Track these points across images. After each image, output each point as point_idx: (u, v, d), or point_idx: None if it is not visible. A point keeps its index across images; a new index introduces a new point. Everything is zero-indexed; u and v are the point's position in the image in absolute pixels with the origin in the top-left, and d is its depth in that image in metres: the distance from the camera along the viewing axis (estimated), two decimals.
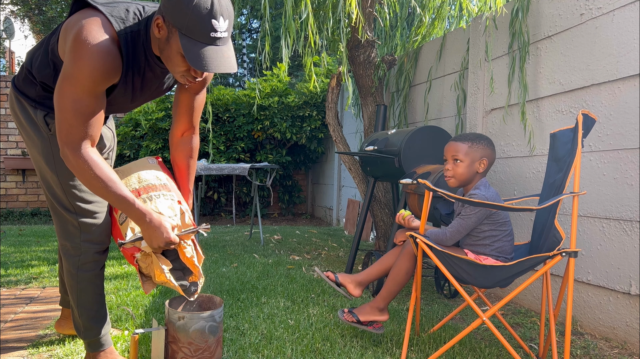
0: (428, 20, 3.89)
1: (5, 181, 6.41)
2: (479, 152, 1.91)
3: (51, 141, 1.54)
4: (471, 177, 1.92)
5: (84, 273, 1.58)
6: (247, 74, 12.00)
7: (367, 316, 1.95)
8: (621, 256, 2.11)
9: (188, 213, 1.60)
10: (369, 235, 4.79)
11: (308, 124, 6.33)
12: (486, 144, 1.92)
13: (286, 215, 7.09)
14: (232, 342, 1.93)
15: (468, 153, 1.90)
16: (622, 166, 2.11)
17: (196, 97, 1.70)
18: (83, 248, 1.56)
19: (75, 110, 1.35)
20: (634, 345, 2.04)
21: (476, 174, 1.92)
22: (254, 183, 4.37)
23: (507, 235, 1.87)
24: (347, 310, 1.98)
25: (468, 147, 1.91)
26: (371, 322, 1.96)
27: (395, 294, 1.94)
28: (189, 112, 1.72)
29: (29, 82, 1.55)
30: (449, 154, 1.94)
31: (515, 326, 2.32)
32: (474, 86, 3.09)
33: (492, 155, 1.94)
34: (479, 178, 1.93)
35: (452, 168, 1.93)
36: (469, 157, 1.90)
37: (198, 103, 1.72)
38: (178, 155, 1.76)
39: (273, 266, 3.42)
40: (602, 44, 2.22)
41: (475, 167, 1.91)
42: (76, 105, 1.35)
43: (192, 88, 1.67)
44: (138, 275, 1.72)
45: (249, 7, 11.33)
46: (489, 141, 1.94)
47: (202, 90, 1.71)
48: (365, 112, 3.74)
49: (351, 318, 1.94)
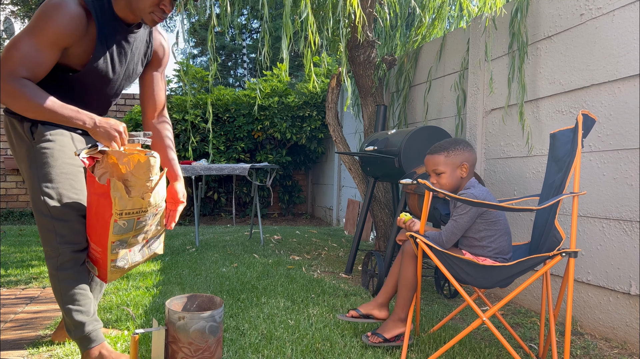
0: (428, 20, 3.89)
1: (5, 181, 6.41)
2: (457, 158, 1.92)
3: (34, 148, 1.67)
4: (457, 183, 1.95)
5: (64, 271, 1.65)
6: (247, 74, 12.00)
7: (391, 331, 1.93)
8: (621, 257, 2.11)
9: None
10: (369, 235, 4.79)
11: (308, 124, 6.33)
12: (462, 148, 1.93)
13: (286, 215, 7.09)
14: (232, 342, 1.93)
15: (446, 162, 1.93)
16: (622, 166, 2.11)
17: (158, 77, 1.93)
18: (60, 249, 1.64)
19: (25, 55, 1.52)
20: (633, 345, 2.04)
21: (461, 179, 1.94)
22: (254, 183, 4.37)
23: (503, 234, 1.87)
24: (370, 333, 1.95)
25: (444, 157, 1.93)
26: (397, 336, 1.94)
27: (411, 298, 1.92)
28: (154, 94, 1.92)
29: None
30: (430, 168, 1.98)
31: (515, 326, 2.32)
32: (474, 86, 3.09)
33: (471, 157, 1.94)
34: (467, 181, 1.95)
35: (437, 180, 1.96)
36: (449, 166, 1.93)
37: (161, 85, 1.95)
38: (156, 148, 1.95)
39: (273, 266, 3.42)
40: (602, 44, 2.23)
41: (458, 174, 1.93)
42: (28, 49, 1.52)
43: (154, 64, 1.90)
44: (90, 270, 1.72)
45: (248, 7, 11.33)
46: (465, 144, 1.95)
47: (162, 70, 1.96)
48: (365, 112, 3.74)
49: (377, 339, 1.91)
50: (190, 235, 4.92)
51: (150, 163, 1.56)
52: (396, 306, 1.94)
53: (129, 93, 6.82)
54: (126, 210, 1.55)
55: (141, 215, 1.61)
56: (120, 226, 1.57)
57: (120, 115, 6.74)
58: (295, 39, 3.14)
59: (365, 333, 2.04)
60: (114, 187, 1.52)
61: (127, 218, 1.57)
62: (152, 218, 1.67)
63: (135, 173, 1.55)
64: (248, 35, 12.31)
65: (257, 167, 4.25)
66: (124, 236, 1.61)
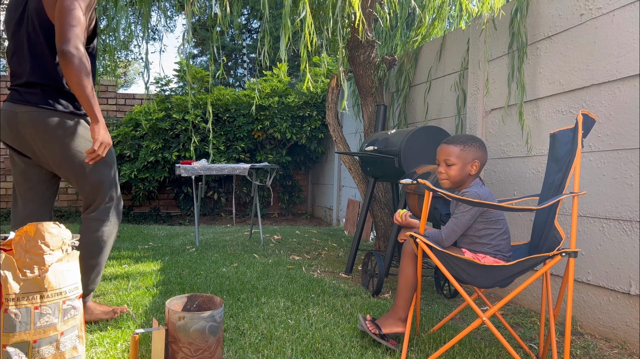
0: (428, 20, 3.90)
1: (5, 181, 6.41)
2: (471, 154, 1.91)
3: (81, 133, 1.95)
4: (464, 178, 1.94)
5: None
6: (247, 74, 12.01)
7: (389, 328, 1.93)
8: (621, 257, 2.11)
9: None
10: (369, 235, 4.79)
11: (308, 124, 6.33)
12: (478, 146, 1.93)
13: (286, 215, 7.09)
14: (232, 342, 1.93)
15: (460, 156, 1.92)
16: (622, 166, 2.11)
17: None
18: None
19: (82, 22, 1.78)
20: (633, 345, 2.04)
21: (469, 176, 1.93)
22: (254, 183, 4.37)
23: (503, 233, 1.87)
24: (369, 319, 1.95)
25: (460, 149, 1.92)
26: (394, 335, 1.94)
27: (411, 298, 1.92)
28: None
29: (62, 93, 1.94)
30: (442, 157, 1.96)
31: (515, 326, 2.32)
32: (474, 86, 3.09)
33: (484, 157, 1.94)
34: (472, 179, 1.94)
35: (445, 170, 1.94)
36: (461, 160, 1.92)
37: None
38: None
39: (273, 266, 3.42)
40: (602, 44, 2.23)
41: (468, 169, 1.92)
42: (80, 14, 1.77)
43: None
44: None
45: (248, 7, 11.33)
46: (481, 143, 1.95)
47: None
48: (365, 112, 3.74)
49: (374, 330, 1.90)
50: (190, 234, 4.92)
51: (43, 233, 1.31)
52: (397, 306, 1.94)
53: (129, 93, 6.82)
54: (18, 294, 1.25)
55: (39, 301, 1.29)
56: (13, 319, 1.26)
57: (120, 115, 6.74)
58: (295, 39, 3.14)
59: (364, 316, 2.01)
60: (4, 263, 1.26)
61: (21, 306, 1.26)
62: (59, 314, 1.35)
63: (29, 249, 1.32)
64: (248, 35, 12.31)
65: (257, 167, 4.26)
66: (19, 337, 1.26)
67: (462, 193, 1.90)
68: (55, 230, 1.39)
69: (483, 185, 1.94)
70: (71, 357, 1.42)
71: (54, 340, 1.35)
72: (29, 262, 1.32)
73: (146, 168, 5.99)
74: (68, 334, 1.40)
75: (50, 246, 1.36)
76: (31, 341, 1.28)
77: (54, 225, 1.40)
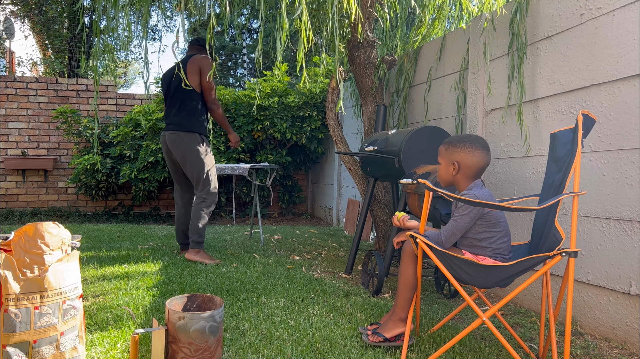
0: (428, 20, 3.89)
1: (5, 181, 6.41)
2: (453, 155, 1.90)
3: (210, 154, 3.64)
4: (450, 178, 1.92)
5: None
6: (247, 74, 12.00)
7: (391, 331, 1.92)
8: (621, 257, 2.11)
9: None
10: (369, 235, 4.79)
11: (308, 124, 6.33)
12: (464, 147, 1.88)
13: (286, 215, 7.09)
14: (232, 342, 1.93)
15: (443, 155, 1.94)
16: (622, 166, 2.11)
17: None
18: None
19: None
20: (633, 345, 2.04)
21: (454, 177, 1.91)
22: (254, 183, 4.37)
23: (503, 236, 1.86)
24: (370, 331, 1.95)
25: (444, 149, 1.94)
26: (397, 336, 1.93)
27: (411, 298, 1.91)
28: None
29: (199, 121, 3.53)
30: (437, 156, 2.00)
31: (515, 326, 2.32)
32: (474, 86, 3.09)
33: (470, 159, 1.87)
34: (468, 180, 1.90)
35: (438, 169, 1.98)
36: (444, 159, 1.94)
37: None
38: None
39: (273, 266, 3.42)
40: (602, 44, 2.23)
41: (450, 169, 1.91)
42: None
43: None
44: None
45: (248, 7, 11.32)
46: (472, 145, 1.88)
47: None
48: (365, 112, 3.74)
49: (377, 339, 1.90)
50: None
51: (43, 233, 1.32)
52: (397, 307, 1.94)
53: (128, 93, 6.82)
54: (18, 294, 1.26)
55: (39, 301, 1.30)
56: (13, 319, 1.26)
57: (120, 115, 6.74)
58: (295, 39, 3.14)
59: (365, 327, 2.03)
60: (4, 263, 1.27)
61: (21, 306, 1.27)
62: (59, 314, 1.35)
63: (28, 249, 1.33)
64: (248, 35, 12.30)
65: (257, 167, 4.25)
66: (19, 337, 1.27)
67: (461, 194, 1.89)
68: (54, 230, 1.40)
69: (484, 186, 1.93)
70: (71, 357, 1.42)
71: (54, 340, 1.35)
72: (29, 262, 1.33)
73: (146, 168, 5.99)
74: (68, 334, 1.40)
75: (50, 246, 1.36)
76: (31, 341, 1.28)
77: (54, 225, 1.41)
